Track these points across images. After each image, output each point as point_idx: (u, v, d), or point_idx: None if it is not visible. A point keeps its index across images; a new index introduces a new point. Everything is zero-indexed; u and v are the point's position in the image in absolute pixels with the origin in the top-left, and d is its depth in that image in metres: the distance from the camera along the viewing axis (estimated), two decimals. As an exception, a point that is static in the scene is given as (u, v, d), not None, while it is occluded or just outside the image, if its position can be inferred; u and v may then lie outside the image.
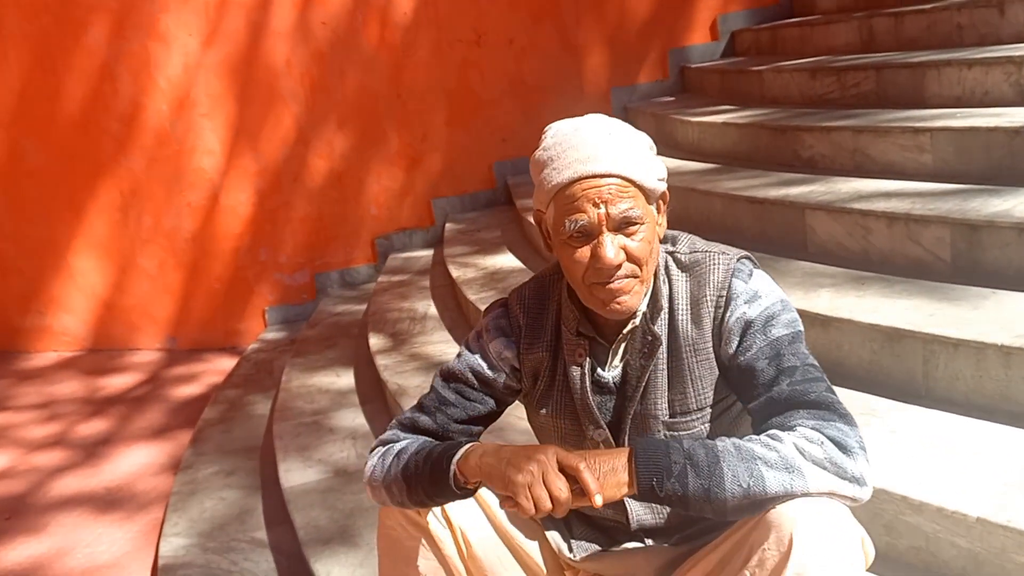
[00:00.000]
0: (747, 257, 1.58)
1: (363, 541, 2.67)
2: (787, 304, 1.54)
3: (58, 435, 4.43)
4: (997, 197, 2.81)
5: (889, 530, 1.97)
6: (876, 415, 2.32)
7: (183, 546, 3.03)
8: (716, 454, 1.35)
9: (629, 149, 1.48)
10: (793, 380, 1.43)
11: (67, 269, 5.63)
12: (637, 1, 5.90)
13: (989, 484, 1.92)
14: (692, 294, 1.54)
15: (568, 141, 1.49)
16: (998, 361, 2.22)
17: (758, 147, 4.14)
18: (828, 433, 1.36)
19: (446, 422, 1.63)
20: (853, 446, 1.36)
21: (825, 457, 1.34)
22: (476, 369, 1.65)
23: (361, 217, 5.70)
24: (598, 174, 1.45)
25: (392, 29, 5.54)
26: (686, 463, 1.34)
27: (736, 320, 1.50)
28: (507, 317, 1.67)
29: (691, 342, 1.54)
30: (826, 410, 1.40)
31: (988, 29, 3.94)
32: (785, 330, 1.49)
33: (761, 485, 1.32)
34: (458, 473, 1.47)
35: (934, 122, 3.31)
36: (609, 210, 1.45)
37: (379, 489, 1.59)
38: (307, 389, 4.03)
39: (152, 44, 5.27)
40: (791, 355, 1.46)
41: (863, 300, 2.64)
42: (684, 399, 1.54)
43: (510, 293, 1.71)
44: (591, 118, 1.53)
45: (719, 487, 1.33)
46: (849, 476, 1.34)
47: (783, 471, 1.32)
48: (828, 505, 1.33)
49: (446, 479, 1.47)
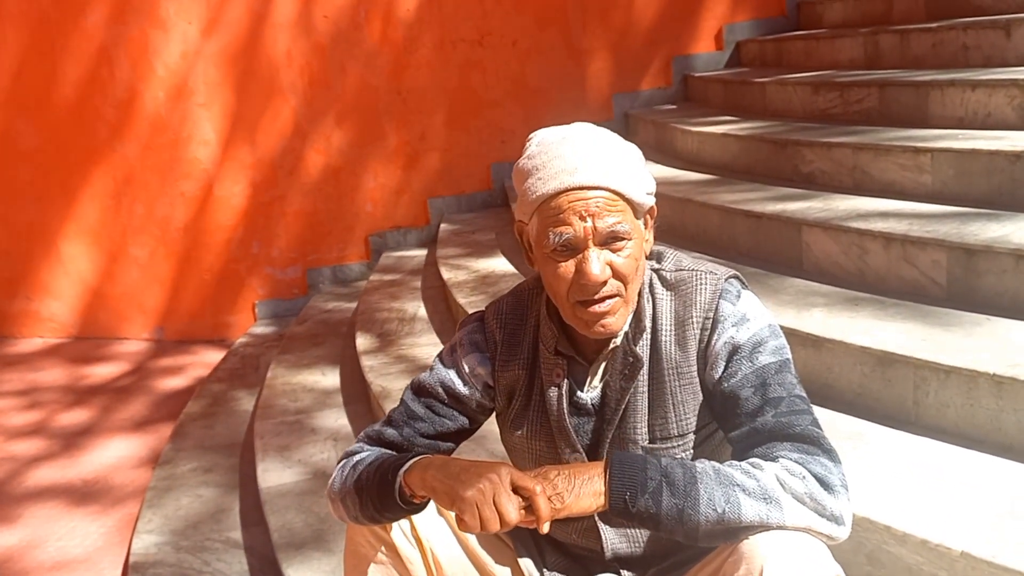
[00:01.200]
0: (735, 277, 1.52)
1: (337, 547, 2.62)
2: (775, 329, 1.48)
3: (38, 423, 4.38)
4: (996, 222, 2.76)
5: (871, 560, 1.93)
6: (863, 440, 2.27)
7: (156, 544, 2.98)
8: (694, 475, 1.31)
9: (618, 161, 1.42)
10: (779, 411, 1.38)
11: (56, 255, 5.58)
12: (643, 8, 5.86)
13: (976, 516, 1.87)
14: (677, 314, 1.49)
15: (554, 150, 1.42)
16: (990, 390, 2.17)
17: (758, 160, 4.09)
18: (811, 468, 1.32)
19: (412, 435, 1.58)
20: (836, 483, 1.32)
21: (806, 492, 1.29)
22: (447, 384, 1.60)
23: (356, 214, 5.65)
24: (585, 186, 1.39)
25: (395, 26, 5.49)
26: (662, 480, 1.31)
27: (723, 344, 1.45)
28: (483, 332, 1.61)
29: (674, 365, 1.48)
30: (811, 444, 1.35)
31: (994, 51, 3.90)
32: (772, 358, 1.44)
33: (736, 512, 1.28)
34: (404, 486, 1.41)
35: (936, 143, 3.27)
36: (596, 224, 1.39)
37: (336, 502, 1.54)
38: (291, 387, 3.98)
39: (151, 30, 5.22)
40: (777, 385, 1.41)
41: (856, 322, 2.59)
42: (665, 424, 1.49)
43: (487, 306, 1.65)
44: (578, 127, 1.47)
45: (693, 508, 1.29)
46: (828, 514, 1.30)
47: (761, 500, 1.28)
48: (803, 540, 1.28)
49: (391, 492, 1.42)
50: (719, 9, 6.02)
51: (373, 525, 1.52)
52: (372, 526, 1.53)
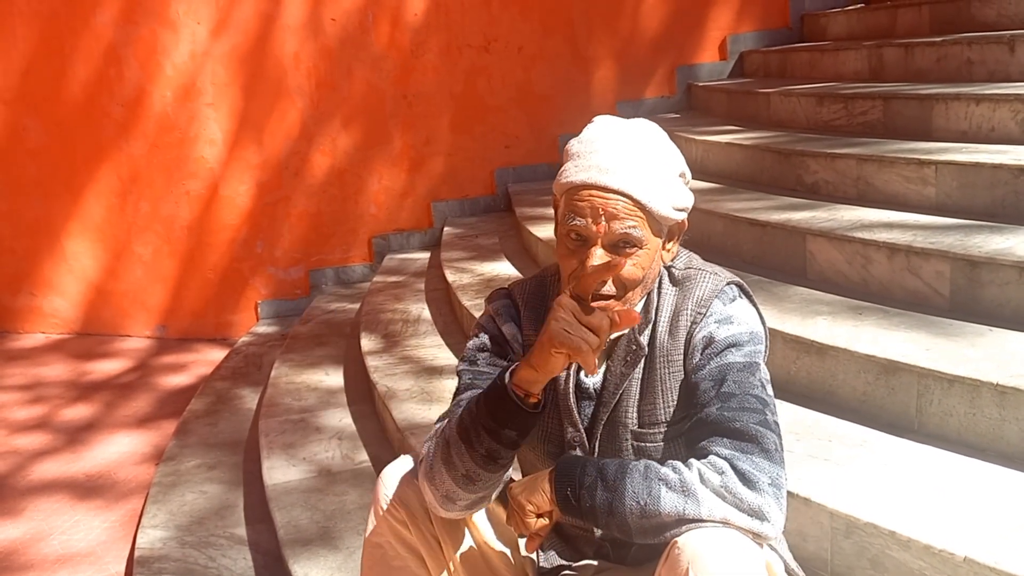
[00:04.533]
0: (737, 284, 1.58)
1: (343, 544, 2.65)
2: (756, 337, 1.53)
3: (41, 418, 4.39)
4: (999, 234, 2.80)
5: (875, 564, 1.95)
6: (867, 447, 2.30)
7: (160, 538, 3.00)
8: (624, 471, 1.40)
9: (651, 172, 1.47)
10: (726, 406, 1.44)
11: (61, 251, 5.60)
12: (648, 17, 5.90)
13: (979, 523, 1.90)
14: (676, 306, 1.56)
15: (599, 143, 1.49)
16: (992, 400, 2.20)
17: (762, 169, 4.13)
18: (737, 463, 1.37)
19: (483, 383, 1.59)
20: (760, 480, 1.36)
21: (722, 486, 1.35)
22: (497, 340, 1.65)
23: (360, 216, 5.68)
24: (609, 188, 1.45)
25: (402, 30, 5.53)
26: (597, 476, 1.40)
27: (702, 338, 1.52)
28: (512, 306, 1.68)
29: (666, 353, 1.55)
30: (748, 442, 1.40)
31: (997, 66, 3.94)
32: (740, 358, 1.49)
33: (656, 504, 1.35)
34: (514, 387, 1.42)
35: (939, 155, 3.30)
36: (611, 225, 1.45)
37: (442, 478, 1.50)
38: (295, 386, 4.00)
39: (161, 30, 5.25)
40: (734, 382, 1.46)
41: (860, 330, 2.62)
42: (653, 410, 1.55)
43: (511, 284, 1.73)
44: (633, 126, 1.53)
45: (619, 501, 1.37)
46: (747, 508, 1.34)
47: (679, 493, 1.35)
48: (726, 536, 1.33)
49: (507, 397, 1.42)
50: (723, 20, 6.06)
51: (488, 470, 1.47)
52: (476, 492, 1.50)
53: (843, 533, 2.00)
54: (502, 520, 1.63)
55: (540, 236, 4.29)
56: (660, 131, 1.55)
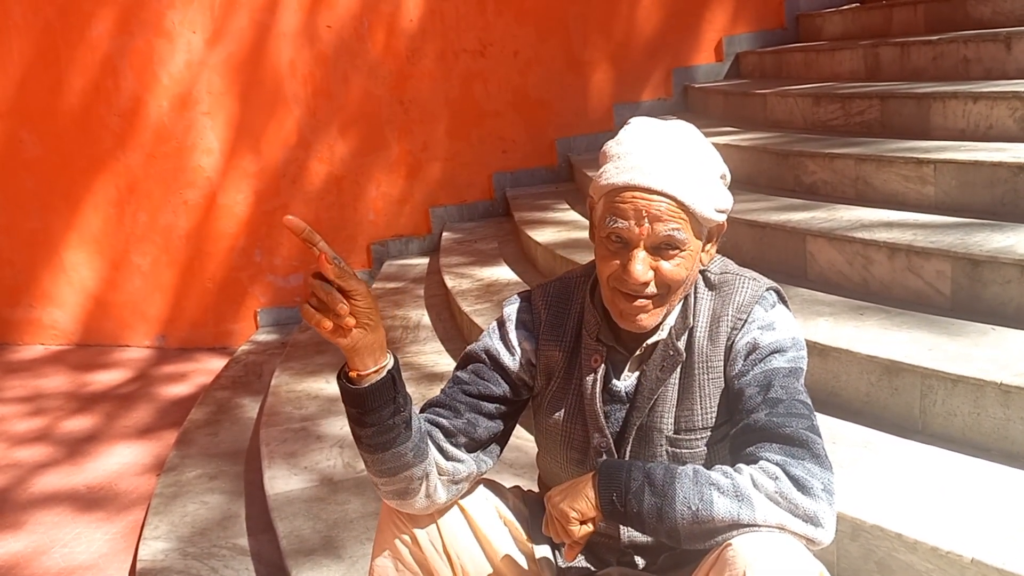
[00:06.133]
0: (775, 289, 1.58)
1: (347, 553, 2.63)
2: (798, 342, 1.53)
3: (42, 430, 4.38)
4: (999, 232, 2.79)
5: (882, 567, 1.94)
6: (871, 448, 2.29)
7: (163, 550, 2.99)
8: (673, 476, 1.37)
9: (693, 173, 1.45)
10: (774, 412, 1.42)
11: (59, 263, 5.59)
12: (643, 20, 5.90)
13: (985, 524, 1.89)
14: (714, 312, 1.54)
15: (638, 144, 1.46)
16: (996, 399, 2.19)
17: (760, 171, 4.12)
18: (790, 469, 1.35)
19: (455, 392, 1.60)
20: (814, 486, 1.34)
21: (777, 491, 1.33)
22: (493, 353, 1.63)
23: (358, 222, 5.67)
24: (653, 189, 1.43)
25: (398, 36, 5.53)
26: (644, 481, 1.37)
27: (745, 344, 1.50)
28: (530, 312, 1.66)
29: (705, 359, 1.53)
30: (799, 447, 1.38)
31: (994, 64, 3.94)
32: (785, 364, 1.48)
33: (709, 509, 1.32)
34: (347, 368, 1.45)
35: (938, 154, 3.30)
36: (654, 227, 1.43)
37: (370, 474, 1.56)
38: (296, 394, 3.99)
39: (156, 40, 5.25)
40: (780, 387, 1.45)
41: (862, 331, 2.62)
42: (691, 416, 1.53)
43: (534, 288, 1.70)
44: (672, 127, 1.50)
45: (670, 506, 1.34)
46: (802, 514, 1.32)
47: (733, 499, 1.33)
48: (783, 542, 1.31)
49: (342, 379, 1.46)
50: (719, 21, 6.07)
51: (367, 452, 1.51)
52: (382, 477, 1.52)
53: (849, 536, 1.99)
54: (515, 530, 1.62)
55: (539, 240, 4.28)
56: (698, 132, 1.52)
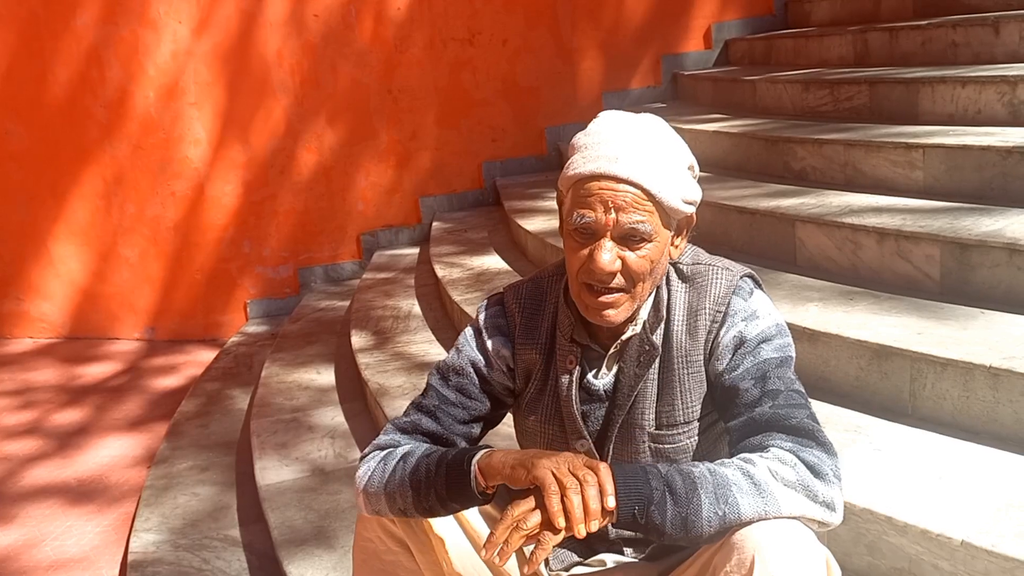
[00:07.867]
0: (750, 276, 1.56)
1: (338, 543, 2.63)
2: (782, 328, 1.52)
3: (31, 423, 4.36)
4: (988, 216, 2.80)
5: (872, 550, 1.95)
6: (861, 432, 2.30)
7: (154, 542, 2.98)
8: (693, 481, 1.33)
9: (660, 163, 1.44)
10: (776, 403, 1.42)
11: (47, 255, 5.55)
12: (632, 7, 5.89)
13: (974, 507, 1.90)
14: (690, 305, 1.52)
15: (606, 134, 1.45)
16: (986, 383, 2.20)
17: (749, 157, 4.12)
18: (803, 457, 1.35)
19: (450, 424, 1.59)
20: (827, 472, 1.35)
21: (797, 480, 1.33)
22: (477, 366, 1.61)
23: (347, 212, 5.65)
24: (619, 178, 1.41)
25: (385, 25, 5.50)
26: (665, 491, 1.32)
27: (732, 338, 1.49)
28: (504, 315, 1.64)
29: (684, 353, 1.52)
30: (805, 436, 1.39)
31: (982, 48, 3.94)
32: (775, 353, 1.48)
33: (736, 511, 1.31)
34: (478, 474, 1.41)
35: (926, 139, 3.30)
36: (619, 217, 1.41)
37: (377, 496, 1.52)
38: (287, 385, 3.98)
39: (142, 30, 5.21)
40: (776, 378, 1.45)
41: (851, 316, 2.62)
42: (672, 411, 1.52)
43: (505, 289, 1.67)
44: (640, 120, 1.49)
45: (696, 515, 1.31)
46: (820, 500, 1.33)
47: (756, 496, 1.31)
48: (792, 527, 1.31)
49: (467, 482, 1.41)
50: (708, 8, 6.05)
51: (423, 516, 1.50)
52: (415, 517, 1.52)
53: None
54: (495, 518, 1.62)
55: (529, 229, 4.28)
56: (666, 125, 1.52)
